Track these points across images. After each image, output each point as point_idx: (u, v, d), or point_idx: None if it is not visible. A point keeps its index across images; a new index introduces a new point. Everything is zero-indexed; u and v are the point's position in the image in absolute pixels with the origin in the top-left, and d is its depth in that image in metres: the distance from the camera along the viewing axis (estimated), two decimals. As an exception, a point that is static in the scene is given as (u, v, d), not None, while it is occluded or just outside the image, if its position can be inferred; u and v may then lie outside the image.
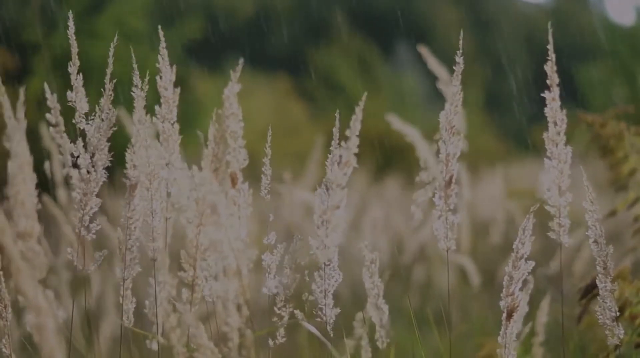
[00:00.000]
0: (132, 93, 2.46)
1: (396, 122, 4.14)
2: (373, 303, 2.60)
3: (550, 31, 2.43)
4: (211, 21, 20.83)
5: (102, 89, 2.46)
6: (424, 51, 4.55)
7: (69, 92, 2.45)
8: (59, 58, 11.36)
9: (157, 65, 2.49)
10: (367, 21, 24.00)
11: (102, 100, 2.44)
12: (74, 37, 2.46)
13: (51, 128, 2.69)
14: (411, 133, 4.11)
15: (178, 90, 2.50)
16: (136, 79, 2.46)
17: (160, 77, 2.49)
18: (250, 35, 22.73)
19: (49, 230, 3.59)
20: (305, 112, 17.21)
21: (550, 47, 2.41)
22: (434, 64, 4.57)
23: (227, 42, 20.01)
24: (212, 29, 19.36)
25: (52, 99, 2.62)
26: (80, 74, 2.46)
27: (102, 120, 2.44)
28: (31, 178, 2.96)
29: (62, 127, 2.66)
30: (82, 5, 12.77)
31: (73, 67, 2.46)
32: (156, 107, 2.48)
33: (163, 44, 2.49)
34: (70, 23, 2.46)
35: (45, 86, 2.64)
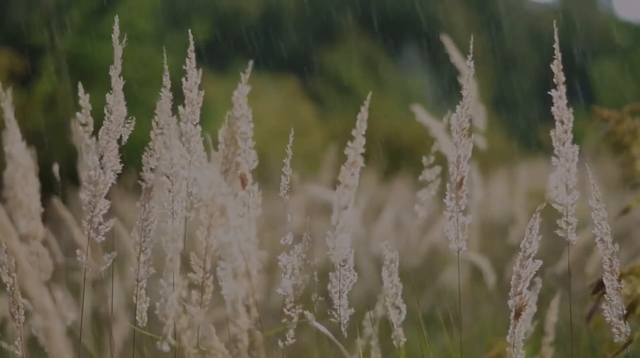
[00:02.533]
0: (160, 93, 2.45)
1: (420, 114, 4.11)
2: (391, 302, 2.59)
3: (555, 30, 2.43)
4: (218, 23, 20.85)
5: (109, 89, 2.45)
6: (446, 41, 4.50)
7: (108, 95, 2.44)
8: (66, 60, 11.39)
9: (184, 67, 2.49)
10: (375, 21, 24.01)
11: (111, 101, 2.44)
12: (118, 42, 2.45)
13: (80, 128, 2.67)
14: (434, 126, 4.09)
15: (202, 92, 2.50)
16: (165, 80, 2.45)
17: (186, 79, 2.49)
18: (257, 37, 22.74)
19: (59, 232, 3.60)
20: (313, 113, 17.22)
21: (556, 45, 2.41)
22: (457, 57, 4.53)
23: (235, 44, 20.03)
24: (219, 31, 19.37)
25: (84, 99, 2.61)
26: (120, 77, 2.45)
27: (111, 121, 2.43)
28: (34, 181, 2.96)
29: (91, 128, 2.64)
30: (89, 6, 12.79)
31: (114, 71, 2.45)
32: (180, 108, 2.48)
33: (192, 47, 2.48)
34: (115, 27, 2.45)
35: (80, 85, 2.63)
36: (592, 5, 27.88)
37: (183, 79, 2.48)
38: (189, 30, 2.51)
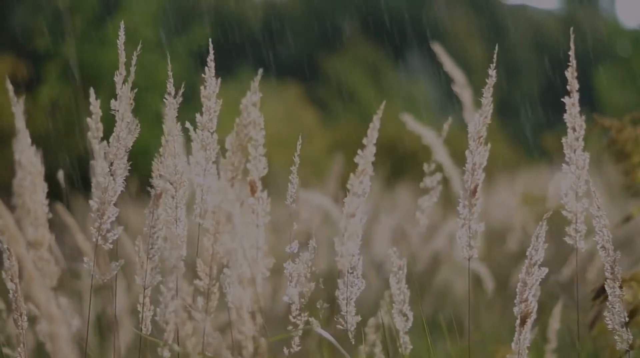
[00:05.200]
0: (164, 100, 2.45)
1: (411, 123, 4.11)
2: (398, 309, 2.60)
3: (572, 37, 2.43)
4: (221, 28, 20.86)
5: (113, 95, 2.45)
6: (438, 50, 4.49)
7: (112, 101, 2.44)
8: (69, 66, 11.40)
9: (202, 75, 2.48)
10: (378, 27, 24.02)
11: (121, 107, 2.44)
12: (123, 48, 2.45)
13: (89, 133, 2.68)
14: (427, 134, 4.09)
15: (220, 101, 2.49)
16: (170, 87, 2.46)
17: (205, 87, 2.48)
18: (260, 43, 22.76)
19: (62, 239, 3.60)
20: (316, 119, 17.22)
21: (571, 52, 2.42)
22: (450, 66, 4.52)
23: (237, 50, 20.04)
24: (222, 36, 19.38)
25: (95, 105, 2.60)
26: (127, 84, 2.45)
27: (122, 128, 2.43)
28: (41, 187, 2.95)
29: (101, 134, 2.64)
30: (92, 13, 12.81)
31: (119, 77, 2.45)
32: (197, 115, 2.47)
33: (211, 56, 2.48)
34: (121, 33, 2.45)
35: (91, 90, 2.63)
36: (595, 12, 27.89)
37: (202, 88, 2.48)
38: (209, 40, 2.50)
